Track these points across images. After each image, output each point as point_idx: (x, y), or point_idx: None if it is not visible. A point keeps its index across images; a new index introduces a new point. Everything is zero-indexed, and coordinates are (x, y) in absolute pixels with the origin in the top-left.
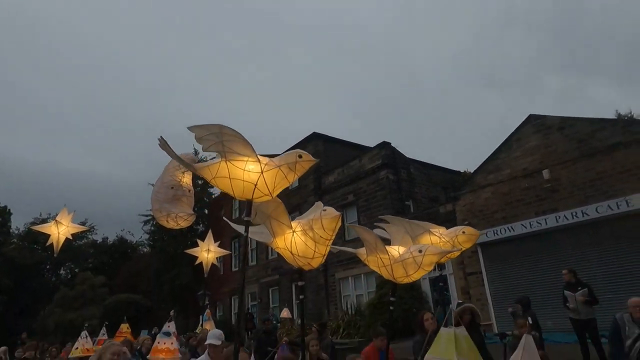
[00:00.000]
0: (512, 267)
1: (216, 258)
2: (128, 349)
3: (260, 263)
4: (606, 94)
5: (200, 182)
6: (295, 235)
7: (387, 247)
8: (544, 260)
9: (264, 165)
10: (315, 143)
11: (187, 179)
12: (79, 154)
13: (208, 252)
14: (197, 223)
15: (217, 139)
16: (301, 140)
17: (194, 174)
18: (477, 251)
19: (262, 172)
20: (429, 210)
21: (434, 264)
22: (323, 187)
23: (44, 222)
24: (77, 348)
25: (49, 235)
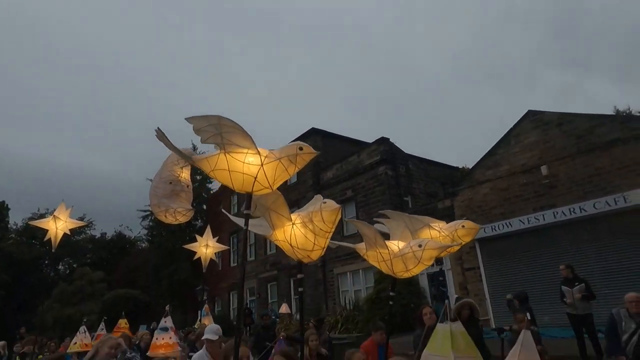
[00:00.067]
0: (510, 263)
1: (215, 253)
2: (126, 344)
3: (259, 258)
4: (604, 90)
5: (198, 178)
6: (294, 228)
7: (387, 242)
8: (541, 256)
9: (264, 158)
10: (314, 139)
11: (186, 174)
12: (77, 150)
13: (206, 248)
14: (196, 218)
15: (216, 130)
16: (300, 135)
17: (193, 168)
18: (475, 247)
19: (262, 165)
20: (427, 206)
21: (434, 258)
22: (322, 183)
23: (42, 218)
24: (76, 343)
25: (47, 230)
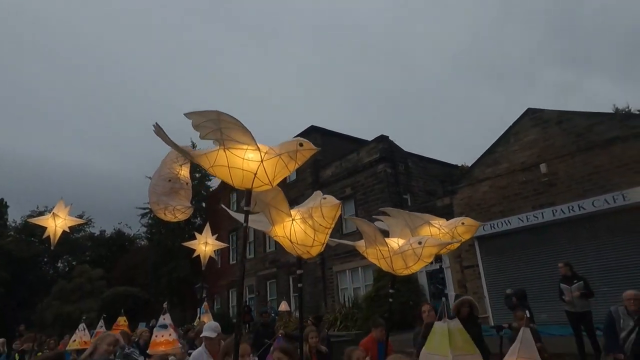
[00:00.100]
0: (509, 261)
1: (214, 251)
2: (125, 341)
3: (258, 256)
4: (604, 88)
5: (197, 176)
6: (294, 224)
7: (386, 239)
8: (540, 254)
9: (264, 154)
10: (313, 136)
11: (185, 172)
12: (77, 148)
13: (206, 245)
14: (195, 216)
15: (215, 126)
16: (299, 133)
17: (192, 166)
18: (474, 244)
19: (262, 161)
20: (427, 204)
21: (434, 255)
22: (321, 181)
23: (41, 215)
24: (75, 340)
25: (46, 228)
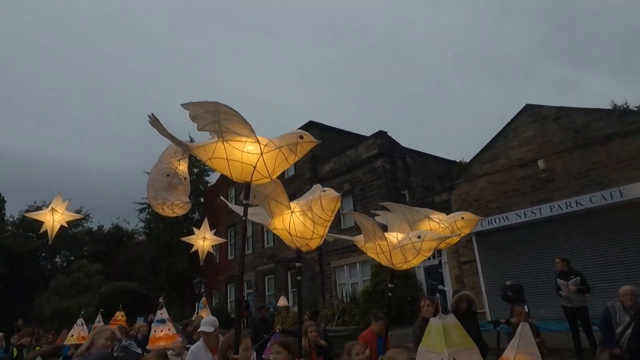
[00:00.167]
0: (507, 256)
1: (212, 246)
2: (123, 336)
3: (256, 251)
4: (603, 84)
5: (196, 171)
6: (293, 216)
7: (386, 234)
8: (537, 250)
9: (263, 147)
10: (312, 132)
11: (183, 167)
12: (75, 143)
13: (204, 240)
14: (193, 211)
15: (213, 117)
16: (297, 128)
17: (190, 159)
18: (472, 240)
19: (262, 154)
20: (425, 200)
21: (433, 249)
22: (319, 176)
23: (38, 210)
24: (73, 335)
25: (43, 222)
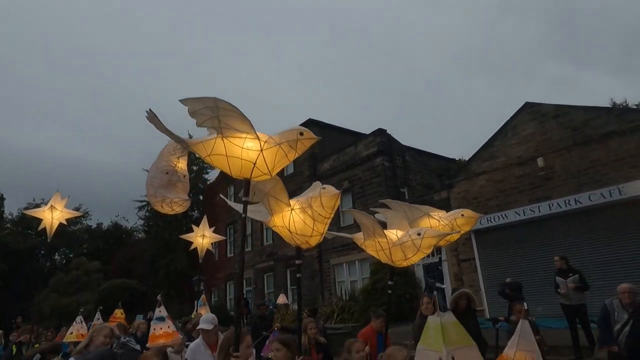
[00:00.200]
0: (505, 254)
1: (211, 244)
2: (122, 333)
3: (256, 249)
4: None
5: (195, 169)
6: (293, 213)
7: (385, 231)
8: (536, 248)
9: (263, 143)
10: (311, 129)
11: (182, 165)
12: (75, 143)
13: (203, 238)
14: (192, 209)
15: (212, 113)
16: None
17: (189, 157)
18: (471, 238)
19: (262, 150)
20: (424, 198)
21: (433, 246)
22: (318, 174)
23: (37, 207)
24: (72, 333)
25: (42, 220)
